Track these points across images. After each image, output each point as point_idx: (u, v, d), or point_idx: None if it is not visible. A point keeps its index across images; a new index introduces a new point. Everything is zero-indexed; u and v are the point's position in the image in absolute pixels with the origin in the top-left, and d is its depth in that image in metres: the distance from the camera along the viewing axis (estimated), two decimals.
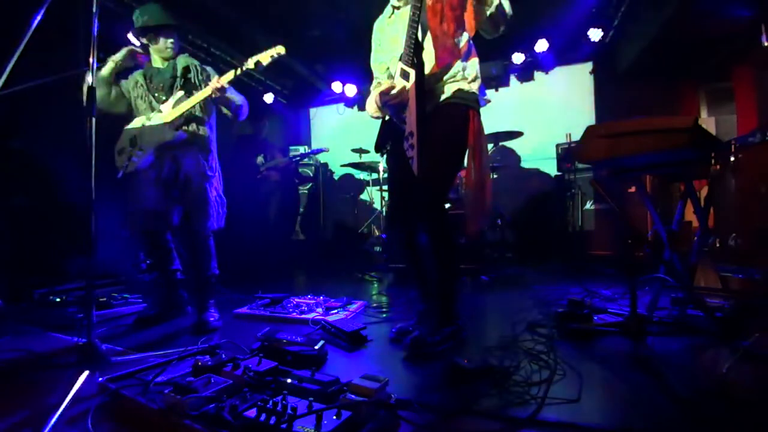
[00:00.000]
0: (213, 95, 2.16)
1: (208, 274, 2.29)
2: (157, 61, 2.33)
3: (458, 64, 1.78)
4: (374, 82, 2.05)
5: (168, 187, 2.23)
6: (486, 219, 1.91)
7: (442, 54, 1.68)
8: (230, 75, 2.18)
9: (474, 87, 1.82)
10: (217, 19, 4.48)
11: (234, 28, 4.65)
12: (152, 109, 2.26)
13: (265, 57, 2.19)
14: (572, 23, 4.64)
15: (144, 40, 2.30)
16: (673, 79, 4.86)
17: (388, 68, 1.95)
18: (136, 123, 2.25)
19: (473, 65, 1.83)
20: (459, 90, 1.79)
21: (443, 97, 1.79)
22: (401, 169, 1.81)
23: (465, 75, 1.80)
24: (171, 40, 2.29)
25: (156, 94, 2.28)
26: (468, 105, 1.79)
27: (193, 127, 2.27)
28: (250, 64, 2.19)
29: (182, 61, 2.34)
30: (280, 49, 2.18)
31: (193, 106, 2.21)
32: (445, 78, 1.79)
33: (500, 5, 1.63)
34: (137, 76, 2.31)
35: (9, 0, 2.40)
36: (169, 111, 2.21)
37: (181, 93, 2.23)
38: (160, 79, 2.30)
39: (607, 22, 4.63)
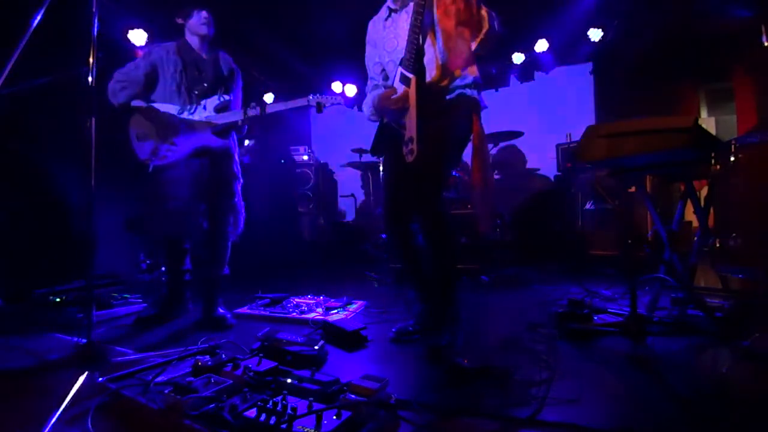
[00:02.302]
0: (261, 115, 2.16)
1: (221, 274, 2.29)
2: (193, 40, 2.24)
3: (459, 72, 1.80)
4: (369, 83, 2.06)
5: (199, 188, 2.17)
6: (494, 215, 1.96)
7: (455, 59, 1.67)
8: (293, 105, 2.20)
9: (475, 93, 1.85)
10: (216, 19, 4.48)
11: (234, 28, 4.65)
12: (189, 101, 2.17)
13: (327, 101, 2.23)
14: (572, 23, 4.65)
15: (179, 20, 2.23)
16: (673, 79, 4.86)
17: (383, 69, 1.96)
18: (166, 109, 2.15)
19: (473, 72, 1.85)
20: (462, 94, 1.81)
21: (446, 98, 1.80)
22: (398, 171, 1.83)
23: (467, 81, 1.83)
24: (204, 14, 2.21)
25: (197, 87, 2.19)
26: (471, 108, 1.81)
27: (230, 133, 2.26)
28: (313, 102, 2.21)
29: (227, 60, 2.31)
30: (340, 99, 2.27)
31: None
32: (447, 84, 1.80)
33: (491, 28, 1.62)
34: (172, 55, 2.18)
35: (9, 0, 2.39)
36: (212, 113, 2.15)
37: (226, 97, 2.19)
38: (203, 68, 2.21)
39: (607, 22, 4.63)
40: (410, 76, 1.72)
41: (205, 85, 2.21)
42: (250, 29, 4.68)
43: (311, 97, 2.19)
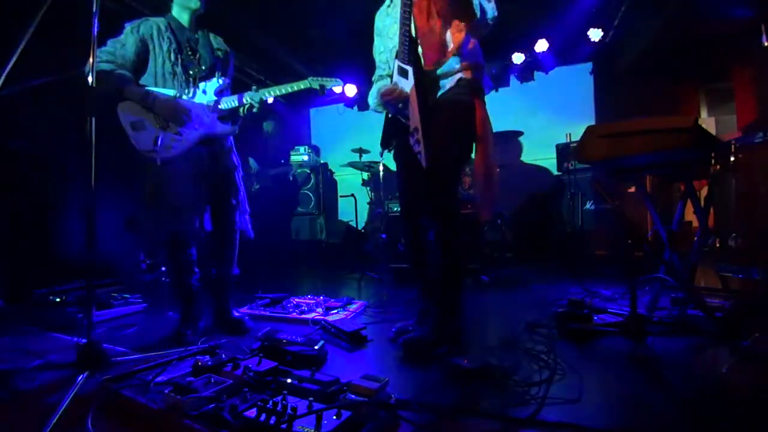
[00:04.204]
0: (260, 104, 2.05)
1: (232, 274, 2.17)
2: (182, 17, 2.02)
3: (454, 58, 1.75)
4: (375, 73, 2.04)
5: (202, 182, 2.01)
6: (496, 204, 1.92)
7: (428, 52, 1.67)
8: (295, 87, 2.07)
9: (478, 76, 1.80)
10: (215, 19, 4.47)
11: (233, 28, 4.65)
12: (186, 84, 1.99)
13: (328, 83, 2.15)
14: (572, 23, 4.64)
15: None
16: (673, 79, 4.86)
17: (387, 58, 1.95)
18: (165, 92, 1.95)
19: (474, 54, 1.80)
20: (461, 79, 1.76)
21: (447, 86, 1.77)
22: (409, 164, 1.81)
23: (466, 65, 1.77)
24: None
25: (194, 69, 2.00)
26: (472, 93, 1.77)
27: (233, 118, 2.12)
28: (314, 84, 2.12)
29: (219, 41, 2.17)
30: (339, 82, 2.19)
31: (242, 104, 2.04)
32: (445, 70, 1.76)
33: (483, 14, 1.61)
34: (165, 32, 1.96)
35: (9, 0, 2.39)
36: (212, 97, 2.01)
37: (224, 79, 2.06)
38: (198, 48, 2.03)
39: (607, 22, 4.63)
40: (407, 67, 1.72)
41: (203, 67, 2.02)
42: (250, 29, 4.68)
43: (311, 79, 2.10)
